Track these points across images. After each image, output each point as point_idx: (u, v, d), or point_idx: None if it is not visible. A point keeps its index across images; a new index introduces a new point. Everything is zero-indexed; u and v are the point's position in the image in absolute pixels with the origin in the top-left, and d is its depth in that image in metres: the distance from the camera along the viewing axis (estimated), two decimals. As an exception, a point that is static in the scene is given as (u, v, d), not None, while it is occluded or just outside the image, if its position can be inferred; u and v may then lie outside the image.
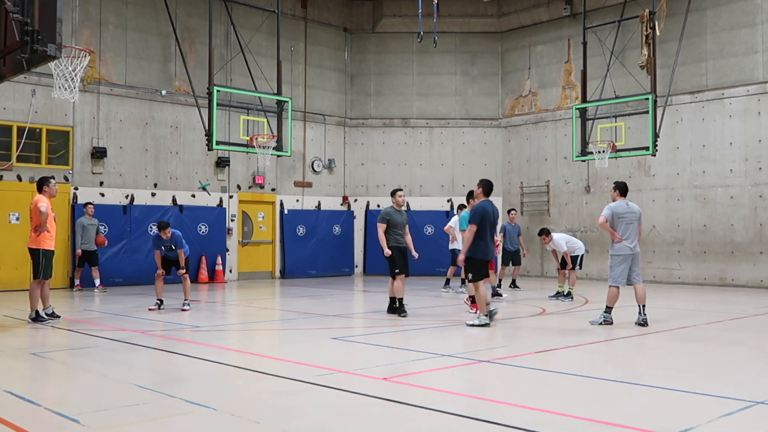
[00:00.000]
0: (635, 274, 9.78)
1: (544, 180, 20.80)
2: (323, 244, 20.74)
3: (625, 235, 9.70)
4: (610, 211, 9.77)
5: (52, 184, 10.40)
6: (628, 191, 10.12)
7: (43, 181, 10.35)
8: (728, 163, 17.29)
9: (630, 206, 9.88)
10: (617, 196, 9.98)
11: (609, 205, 9.95)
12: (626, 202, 9.92)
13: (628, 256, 9.69)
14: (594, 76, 19.00)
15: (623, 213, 9.76)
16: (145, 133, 17.67)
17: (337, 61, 21.79)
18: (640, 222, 9.88)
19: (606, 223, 9.70)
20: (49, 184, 10.33)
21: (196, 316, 11.26)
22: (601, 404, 5.40)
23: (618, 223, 9.73)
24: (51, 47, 5.22)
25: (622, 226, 9.72)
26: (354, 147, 21.91)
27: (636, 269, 9.78)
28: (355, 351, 8.16)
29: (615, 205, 9.86)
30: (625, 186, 10.12)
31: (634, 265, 9.76)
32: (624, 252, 9.68)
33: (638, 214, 9.88)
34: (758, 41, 16.90)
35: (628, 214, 9.76)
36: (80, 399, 5.65)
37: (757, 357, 7.59)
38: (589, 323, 9.89)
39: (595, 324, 9.77)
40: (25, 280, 15.48)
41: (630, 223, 9.73)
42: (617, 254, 9.74)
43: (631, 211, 9.81)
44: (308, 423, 4.83)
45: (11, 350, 7.80)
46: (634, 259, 9.74)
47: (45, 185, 10.29)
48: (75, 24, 16.48)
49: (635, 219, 9.78)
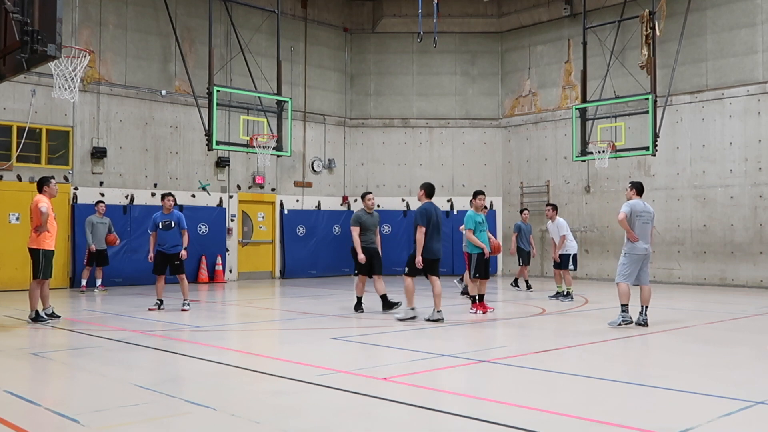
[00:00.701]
0: (644, 274, 9.71)
1: (544, 180, 20.80)
2: (323, 244, 20.75)
3: (640, 235, 9.61)
4: (629, 208, 9.64)
5: (52, 184, 10.40)
6: (644, 191, 10.03)
7: (43, 181, 10.35)
8: (728, 163, 17.29)
9: (646, 206, 9.84)
10: (634, 195, 9.86)
11: (627, 203, 9.82)
12: (643, 202, 9.85)
13: (641, 257, 9.60)
14: (594, 76, 19.00)
15: (641, 212, 9.66)
16: (145, 133, 17.67)
17: (337, 61, 21.79)
18: (653, 223, 9.85)
19: (625, 220, 9.58)
20: (49, 184, 10.33)
21: (195, 316, 11.26)
22: (601, 404, 5.40)
23: (635, 221, 9.62)
24: (51, 47, 5.22)
25: (638, 224, 9.62)
26: (354, 147, 21.91)
27: (645, 270, 9.72)
28: (355, 351, 8.15)
29: (633, 203, 9.73)
30: (642, 185, 10.00)
31: (644, 265, 9.68)
32: (639, 252, 9.58)
33: (653, 214, 9.87)
34: (758, 41, 16.90)
35: (645, 214, 9.69)
36: (80, 399, 5.65)
37: (757, 357, 7.59)
38: (608, 325, 9.64)
39: (614, 326, 9.52)
40: (25, 280, 15.47)
41: (646, 223, 9.67)
42: (633, 253, 9.61)
43: (647, 210, 9.75)
44: (308, 423, 4.83)
45: (11, 350, 7.80)
46: (646, 259, 9.68)
47: (45, 185, 10.29)
48: (75, 24, 16.48)
49: (650, 219, 9.75)
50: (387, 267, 20.71)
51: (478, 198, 11.21)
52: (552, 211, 13.98)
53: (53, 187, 10.42)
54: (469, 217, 11.10)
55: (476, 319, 10.65)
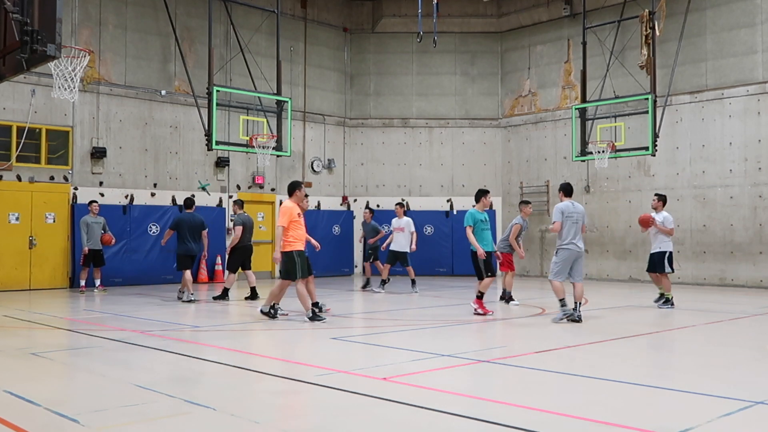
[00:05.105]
0: (576, 272, 10.23)
1: (543, 180, 20.80)
2: (323, 244, 20.49)
3: (571, 234, 10.19)
4: (560, 212, 10.26)
5: (302, 189, 10.47)
6: (572, 192, 10.67)
7: (295, 185, 10.47)
8: (728, 163, 17.30)
9: (575, 206, 10.40)
10: (563, 197, 10.51)
11: (557, 206, 10.43)
12: (572, 203, 10.44)
13: (573, 253, 10.15)
14: (594, 76, 19.00)
15: (570, 212, 10.26)
16: (145, 133, 17.67)
17: (337, 61, 21.79)
18: (584, 221, 10.42)
19: (558, 224, 10.20)
20: (300, 189, 10.43)
21: (195, 315, 11.26)
22: (601, 404, 5.40)
23: (565, 221, 10.20)
24: (51, 47, 5.21)
25: (567, 224, 10.19)
26: (353, 147, 21.91)
27: (577, 268, 10.23)
28: (355, 351, 8.15)
29: (562, 205, 10.34)
30: (570, 187, 10.68)
31: (576, 263, 10.21)
32: (571, 248, 10.15)
33: (582, 213, 10.44)
34: (758, 41, 16.90)
35: (574, 214, 10.28)
36: (80, 399, 5.65)
37: (757, 357, 7.59)
38: (552, 321, 10.14)
39: (557, 321, 10.04)
40: (24, 280, 15.52)
41: (575, 223, 10.24)
42: (565, 249, 10.17)
43: (576, 210, 10.34)
44: (308, 423, 4.83)
45: (11, 350, 7.80)
46: (579, 257, 10.21)
47: (297, 189, 10.40)
48: (75, 24, 16.48)
49: (580, 219, 10.31)
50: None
51: (487, 197, 11.33)
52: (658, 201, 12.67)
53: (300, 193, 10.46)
54: (470, 214, 11.03)
55: (477, 319, 10.64)
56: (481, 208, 11.20)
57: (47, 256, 15.81)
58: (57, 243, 16.04)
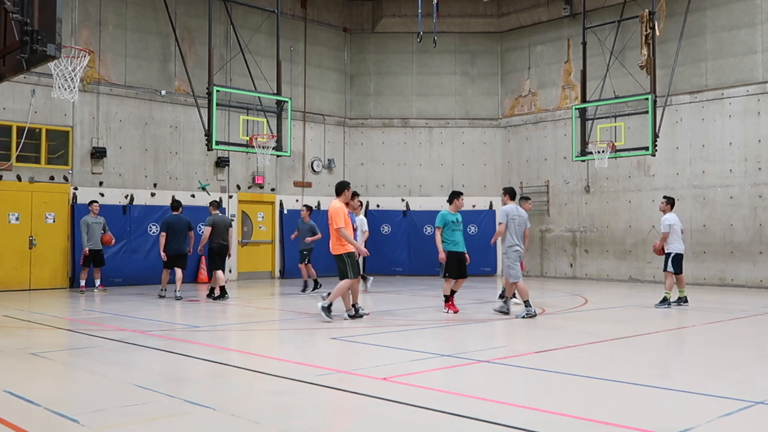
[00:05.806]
0: None
1: (543, 180, 20.81)
2: (323, 243, 20.63)
3: (516, 236, 10.66)
4: (505, 214, 10.71)
5: (350, 189, 10.57)
6: (516, 195, 11.06)
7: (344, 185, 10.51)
8: (728, 163, 17.29)
9: (519, 210, 10.90)
10: (508, 200, 10.96)
11: (502, 209, 10.85)
12: (516, 206, 10.87)
13: (520, 253, 10.73)
14: (593, 76, 19.00)
15: (514, 215, 10.72)
16: (145, 133, 17.67)
17: (337, 61, 21.79)
18: (526, 225, 10.90)
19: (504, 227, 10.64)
20: (348, 188, 10.50)
21: (195, 316, 11.26)
22: (601, 404, 5.40)
23: (510, 224, 10.69)
24: (50, 47, 5.20)
25: (512, 227, 10.68)
26: (353, 147, 21.91)
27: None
28: (354, 351, 8.15)
29: (507, 208, 10.78)
30: (514, 191, 11.16)
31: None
32: (519, 249, 10.71)
33: (525, 218, 10.92)
34: (758, 41, 16.90)
35: (517, 217, 10.75)
36: (80, 399, 5.65)
37: (757, 357, 7.59)
38: (516, 317, 10.48)
39: (519, 317, 10.40)
40: (24, 280, 15.52)
41: (519, 225, 10.74)
42: (514, 250, 10.67)
43: (519, 214, 10.82)
44: (308, 423, 4.83)
45: (11, 350, 7.80)
46: (522, 258, 10.85)
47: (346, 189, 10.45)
48: (75, 24, 16.48)
49: (523, 223, 10.81)
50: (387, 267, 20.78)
51: (460, 198, 11.34)
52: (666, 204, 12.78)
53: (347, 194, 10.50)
54: (441, 216, 11.09)
55: (477, 319, 10.65)
56: (453, 209, 11.22)
57: (47, 256, 15.81)
58: (57, 243, 16.04)
